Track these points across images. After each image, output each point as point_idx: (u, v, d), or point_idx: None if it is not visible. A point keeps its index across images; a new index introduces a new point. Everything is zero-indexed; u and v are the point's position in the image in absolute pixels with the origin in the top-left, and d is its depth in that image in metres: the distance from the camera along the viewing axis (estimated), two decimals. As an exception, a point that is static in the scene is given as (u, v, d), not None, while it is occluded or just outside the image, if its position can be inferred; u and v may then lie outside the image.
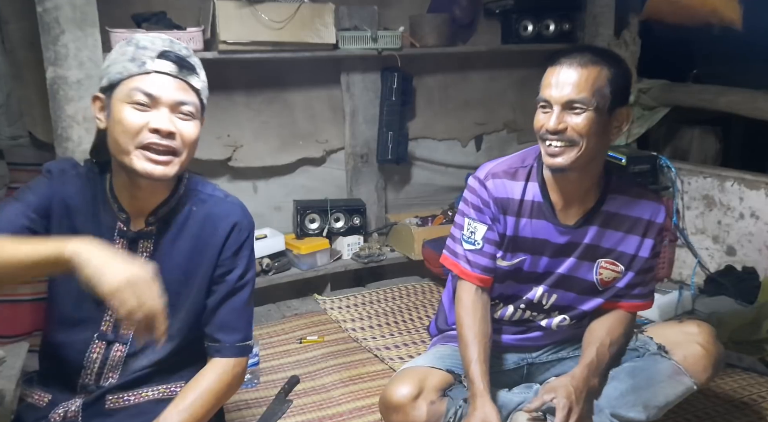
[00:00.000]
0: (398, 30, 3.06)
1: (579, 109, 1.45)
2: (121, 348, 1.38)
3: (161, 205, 1.38)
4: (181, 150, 1.30)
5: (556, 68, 1.47)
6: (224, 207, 1.42)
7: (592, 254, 1.60)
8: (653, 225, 1.58)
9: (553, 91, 1.46)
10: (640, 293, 1.65)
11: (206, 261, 1.39)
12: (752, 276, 2.79)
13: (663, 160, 3.11)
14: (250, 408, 2.11)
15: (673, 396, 1.56)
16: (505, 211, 1.61)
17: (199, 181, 1.45)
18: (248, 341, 1.44)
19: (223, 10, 2.64)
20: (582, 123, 1.45)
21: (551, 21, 3.35)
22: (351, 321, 2.75)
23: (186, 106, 1.29)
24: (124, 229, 1.37)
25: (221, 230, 1.39)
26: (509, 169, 1.63)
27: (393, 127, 3.20)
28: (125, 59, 1.27)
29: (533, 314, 1.69)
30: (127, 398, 1.38)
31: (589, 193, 1.57)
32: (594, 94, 1.44)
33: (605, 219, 1.58)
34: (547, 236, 1.60)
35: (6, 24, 2.52)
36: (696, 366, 1.57)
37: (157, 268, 1.23)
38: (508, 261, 1.63)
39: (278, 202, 3.21)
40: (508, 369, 1.74)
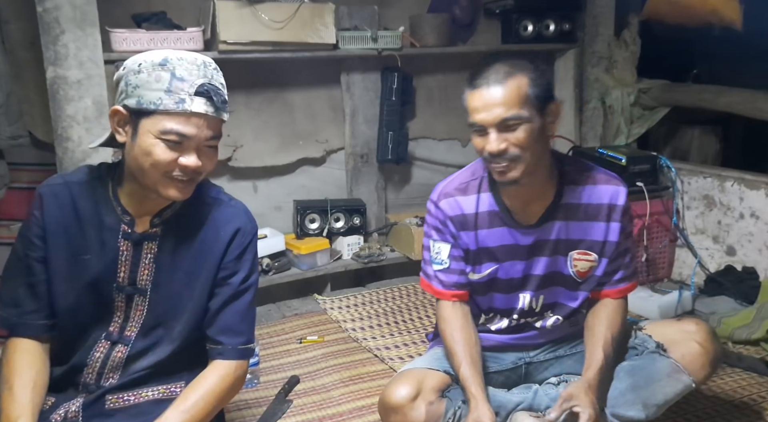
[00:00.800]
0: (398, 30, 3.06)
1: (514, 124, 1.44)
2: (123, 349, 1.39)
3: (166, 207, 1.39)
4: (202, 174, 1.33)
5: (477, 92, 1.46)
6: (228, 211, 1.43)
7: (563, 248, 1.61)
8: (615, 208, 1.59)
9: (483, 115, 1.45)
10: (624, 276, 1.65)
11: (209, 265, 1.40)
12: (752, 276, 2.79)
13: (663, 160, 3.11)
14: (250, 408, 2.11)
15: (672, 394, 1.57)
16: (463, 227, 1.63)
17: (204, 183, 1.45)
18: (250, 344, 1.45)
19: (223, 10, 2.64)
20: (522, 136, 1.45)
21: (551, 21, 3.35)
22: (351, 321, 2.75)
23: (213, 140, 1.31)
24: (129, 231, 1.37)
25: (224, 234, 1.40)
26: (460, 185, 1.65)
27: (393, 127, 3.20)
28: (160, 88, 1.24)
29: (528, 320, 1.70)
30: (127, 398, 1.38)
31: (545, 189, 1.58)
32: (522, 105, 1.44)
33: (566, 211, 1.59)
34: (512, 241, 1.61)
35: (6, 24, 2.52)
36: (694, 364, 1.57)
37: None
38: (478, 273, 1.65)
39: (278, 202, 3.21)
40: (506, 369, 1.74)
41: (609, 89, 3.45)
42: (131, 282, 1.38)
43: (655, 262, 3.10)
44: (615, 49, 3.45)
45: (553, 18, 3.35)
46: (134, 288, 1.38)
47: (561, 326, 1.70)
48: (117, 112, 1.29)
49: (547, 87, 1.50)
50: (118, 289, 1.38)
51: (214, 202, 1.44)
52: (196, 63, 1.29)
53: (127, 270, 1.38)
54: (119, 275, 1.37)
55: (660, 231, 3.07)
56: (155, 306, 1.39)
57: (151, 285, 1.38)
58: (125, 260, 1.37)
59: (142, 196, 1.36)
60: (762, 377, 2.23)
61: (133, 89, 1.26)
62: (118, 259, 1.37)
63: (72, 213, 1.36)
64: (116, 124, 1.30)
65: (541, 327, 1.71)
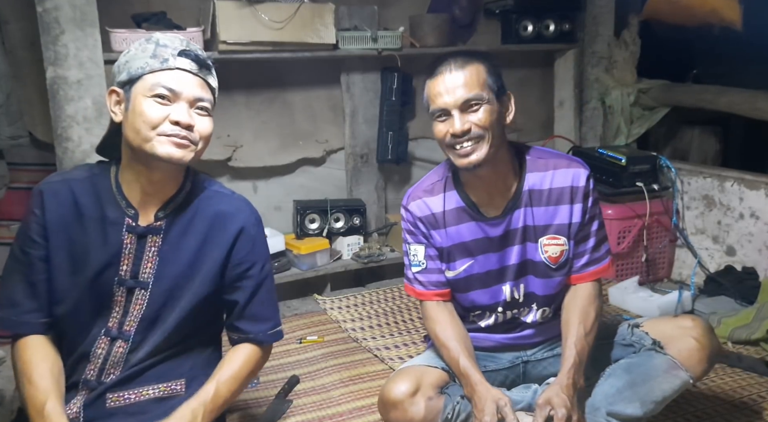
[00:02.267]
0: (398, 30, 3.06)
1: (476, 105, 1.52)
2: (123, 345, 1.39)
3: (169, 200, 1.41)
4: (197, 142, 1.35)
5: (439, 78, 1.54)
6: (232, 204, 1.46)
7: (531, 235, 1.64)
8: (577, 190, 1.62)
9: (446, 98, 1.53)
10: (590, 260, 1.67)
11: (214, 257, 1.42)
12: (752, 277, 2.79)
13: (663, 160, 3.11)
14: (250, 408, 2.11)
15: (670, 390, 1.57)
16: (434, 226, 1.68)
17: (205, 178, 1.49)
18: (278, 327, 1.51)
19: (223, 10, 2.64)
20: (484, 116, 1.52)
21: (551, 21, 3.35)
22: (351, 321, 2.75)
23: (203, 102, 1.35)
24: (133, 225, 1.38)
25: (231, 228, 1.43)
26: (427, 186, 1.71)
27: (393, 127, 3.20)
28: (146, 55, 1.32)
29: (515, 312, 1.71)
30: (127, 396, 1.38)
31: (507, 179, 1.63)
32: (482, 87, 1.53)
33: (531, 198, 1.63)
34: (482, 234, 1.64)
35: (6, 24, 2.52)
36: (691, 359, 1.58)
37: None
38: (453, 270, 1.69)
39: (278, 201, 3.21)
40: (504, 368, 1.74)
41: (609, 89, 3.45)
42: (133, 276, 1.39)
43: (655, 262, 3.10)
44: (615, 49, 3.45)
45: (552, 18, 3.35)
46: (136, 281, 1.39)
47: (552, 320, 1.71)
48: (113, 92, 1.35)
49: (500, 78, 1.58)
50: (119, 283, 1.38)
51: (215, 195, 1.46)
52: (179, 37, 1.38)
53: (129, 263, 1.38)
54: (122, 269, 1.38)
55: (660, 232, 3.07)
56: (155, 299, 1.40)
57: (153, 278, 1.39)
58: (128, 253, 1.38)
59: (144, 178, 1.37)
60: (762, 377, 2.23)
61: (123, 65, 1.34)
62: (121, 253, 1.38)
63: (73, 209, 1.36)
64: (112, 105, 1.35)
65: (532, 322, 1.71)
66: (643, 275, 3.05)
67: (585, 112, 3.59)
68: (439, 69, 1.55)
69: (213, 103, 1.39)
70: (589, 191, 1.63)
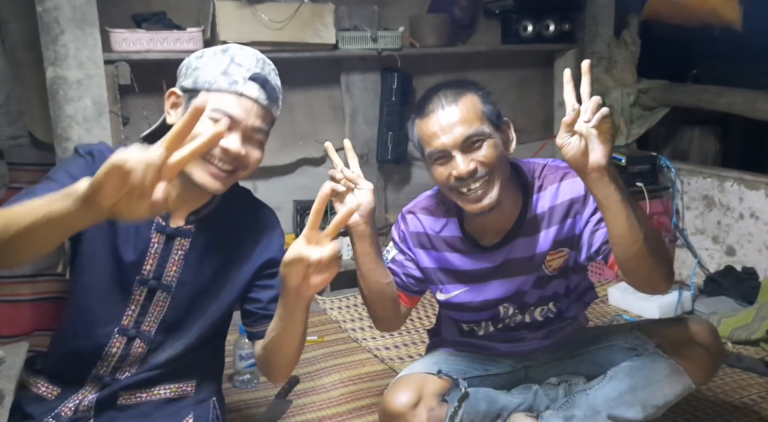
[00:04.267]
0: (398, 30, 3.06)
1: (478, 141, 1.40)
2: (142, 345, 1.37)
3: (204, 205, 1.38)
4: (240, 169, 1.30)
5: (431, 117, 1.41)
6: (265, 216, 1.45)
7: (529, 265, 1.56)
8: (577, 200, 1.51)
9: (444, 139, 1.39)
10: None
11: (244, 269, 1.40)
12: (752, 277, 2.79)
13: (663, 160, 3.11)
14: (249, 408, 2.11)
15: (672, 395, 1.56)
16: (423, 246, 1.62)
17: (244, 188, 1.47)
18: None
19: (223, 10, 2.64)
20: (488, 153, 1.40)
21: (551, 21, 3.35)
22: (351, 322, 2.75)
23: (260, 133, 1.30)
24: (163, 224, 1.35)
25: (265, 242, 1.42)
26: (429, 205, 1.64)
27: (393, 127, 3.20)
28: (218, 70, 1.27)
29: (512, 319, 1.66)
30: (140, 395, 1.38)
31: (513, 210, 1.54)
32: (482, 120, 1.40)
33: (532, 225, 1.54)
34: (477, 266, 1.58)
35: (6, 24, 2.52)
36: (695, 365, 1.56)
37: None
38: (445, 293, 1.64)
39: (278, 202, 3.20)
40: (505, 372, 1.74)
41: (609, 89, 3.45)
42: (156, 277, 1.35)
43: (654, 262, 3.09)
44: (615, 49, 3.45)
45: (552, 18, 3.35)
46: (158, 283, 1.35)
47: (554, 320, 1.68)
48: (172, 93, 1.32)
49: (495, 107, 1.46)
50: (140, 282, 1.35)
51: (253, 209, 1.45)
52: (256, 55, 1.32)
53: (154, 263, 1.35)
54: (145, 268, 1.34)
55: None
56: (178, 303, 1.37)
57: (177, 282, 1.36)
58: (154, 253, 1.34)
59: (181, 188, 1.32)
60: (762, 377, 2.23)
61: (192, 71, 1.29)
62: (147, 251, 1.34)
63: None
64: (170, 106, 1.32)
65: (532, 321, 1.67)
66: (642, 275, 3.05)
67: (585, 112, 3.58)
68: (429, 106, 1.41)
69: (268, 132, 1.33)
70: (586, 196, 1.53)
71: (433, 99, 1.42)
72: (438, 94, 1.42)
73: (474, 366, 1.71)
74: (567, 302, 1.66)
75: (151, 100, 2.79)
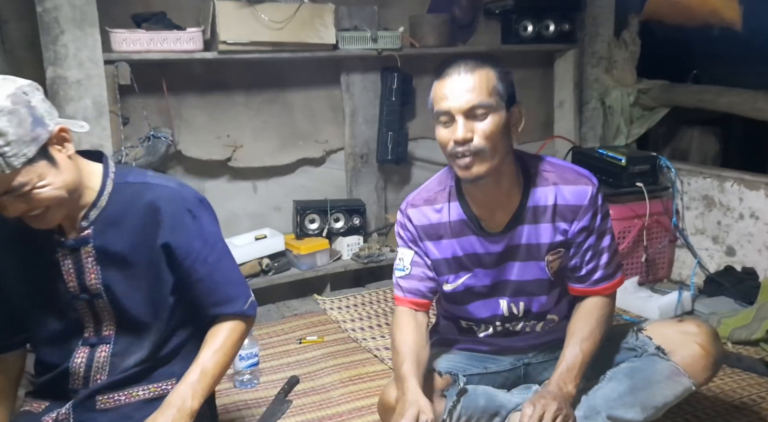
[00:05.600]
0: (398, 30, 3.06)
1: (482, 113, 1.43)
2: (105, 348, 1.38)
3: (91, 206, 1.33)
4: (41, 210, 1.26)
5: (446, 80, 1.45)
6: (161, 193, 1.36)
7: (536, 253, 1.59)
8: (581, 208, 1.55)
9: (452, 102, 1.43)
10: (603, 275, 1.61)
11: (151, 251, 1.35)
12: (752, 277, 2.79)
13: (663, 161, 3.11)
14: (249, 408, 2.11)
15: (672, 396, 1.56)
16: (431, 237, 1.62)
17: (127, 172, 1.38)
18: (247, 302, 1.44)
19: (223, 11, 2.64)
20: (489, 127, 1.43)
21: (551, 21, 3.35)
22: (351, 322, 2.75)
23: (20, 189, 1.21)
24: (61, 240, 1.33)
25: (162, 219, 1.34)
26: (428, 195, 1.64)
27: (393, 127, 3.20)
28: None
29: (513, 324, 1.68)
30: (118, 398, 1.38)
31: (511, 194, 1.56)
32: (491, 94, 1.44)
33: (534, 214, 1.56)
34: (482, 249, 1.59)
35: (6, 24, 2.52)
36: (695, 366, 1.56)
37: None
38: (452, 283, 1.64)
39: (278, 202, 3.21)
40: (504, 370, 1.74)
41: (609, 89, 3.45)
42: (83, 289, 1.34)
43: (654, 263, 3.10)
44: (615, 49, 3.45)
45: (552, 18, 3.35)
46: (88, 294, 1.35)
47: (553, 327, 1.70)
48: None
49: (511, 87, 1.50)
50: (74, 298, 1.35)
51: (143, 188, 1.36)
52: None
53: (74, 278, 1.34)
54: (69, 284, 1.34)
55: (660, 232, 3.07)
56: (119, 305, 1.36)
57: (102, 287, 1.34)
58: (69, 269, 1.34)
59: (50, 208, 1.28)
60: (761, 377, 2.23)
61: None
62: (61, 270, 1.33)
63: (4, 232, 1.33)
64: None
65: (532, 331, 1.69)
66: (642, 275, 3.05)
67: (585, 112, 3.59)
68: (448, 70, 1.46)
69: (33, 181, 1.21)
70: (597, 208, 1.56)
71: (453, 64, 1.46)
72: (459, 61, 1.46)
73: (473, 364, 1.71)
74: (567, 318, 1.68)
75: (151, 100, 2.79)
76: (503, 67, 1.50)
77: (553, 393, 1.48)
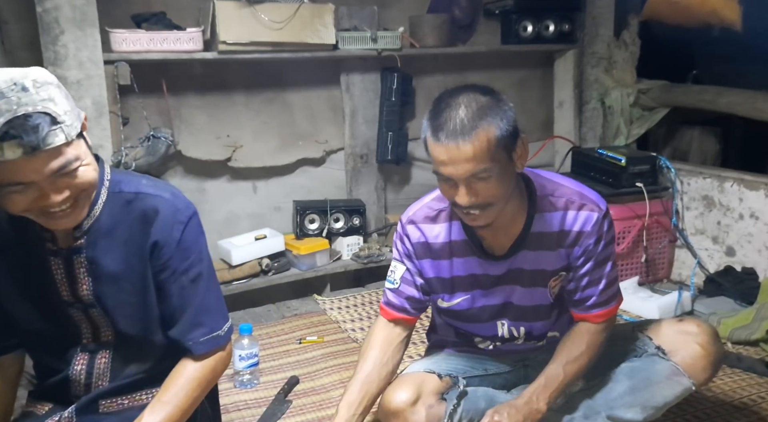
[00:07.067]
0: (398, 30, 3.06)
1: (485, 176, 1.37)
2: (105, 354, 1.36)
3: (84, 217, 1.29)
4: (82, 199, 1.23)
5: (442, 145, 1.36)
6: (152, 202, 1.31)
7: (538, 279, 1.57)
8: (584, 234, 1.52)
9: (451, 169, 1.37)
10: (597, 302, 1.58)
11: (142, 264, 1.31)
12: (752, 277, 2.79)
13: (662, 161, 3.11)
14: (249, 408, 2.11)
15: (672, 396, 1.56)
16: (427, 256, 1.60)
17: (122, 180, 1.33)
18: (215, 332, 1.36)
19: (223, 11, 2.64)
20: (492, 188, 1.39)
21: (551, 22, 3.35)
22: (351, 322, 2.75)
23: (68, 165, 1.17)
24: (54, 249, 1.30)
25: (153, 229, 1.30)
26: (430, 211, 1.60)
27: (393, 128, 3.20)
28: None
29: (512, 343, 1.68)
30: (121, 402, 1.37)
31: (515, 219, 1.53)
32: (493, 157, 1.36)
33: (537, 240, 1.53)
34: (481, 270, 1.57)
35: (6, 24, 2.52)
36: (695, 366, 1.56)
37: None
38: (448, 302, 1.63)
39: (278, 202, 3.21)
40: (504, 372, 1.74)
41: (608, 90, 3.45)
42: (76, 298, 1.32)
43: (654, 263, 3.10)
44: (614, 49, 3.45)
45: (552, 18, 3.35)
46: (82, 303, 1.32)
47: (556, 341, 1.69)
48: None
49: (513, 125, 1.40)
50: (68, 306, 1.33)
51: (136, 198, 1.31)
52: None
53: (66, 286, 1.31)
54: (62, 293, 1.32)
55: (659, 232, 3.07)
56: (113, 314, 1.33)
57: (94, 297, 1.32)
58: (61, 278, 1.31)
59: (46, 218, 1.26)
60: (761, 377, 2.23)
61: None
62: (54, 278, 1.31)
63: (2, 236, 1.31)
64: None
65: (532, 346, 1.69)
66: (642, 275, 3.05)
67: (585, 112, 3.59)
68: (443, 132, 1.35)
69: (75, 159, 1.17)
70: (602, 234, 1.52)
71: (449, 122, 1.36)
72: (454, 117, 1.36)
73: (473, 366, 1.71)
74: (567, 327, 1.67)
75: (150, 100, 2.79)
76: (501, 106, 1.39)
77: (519, 406, 1.48)
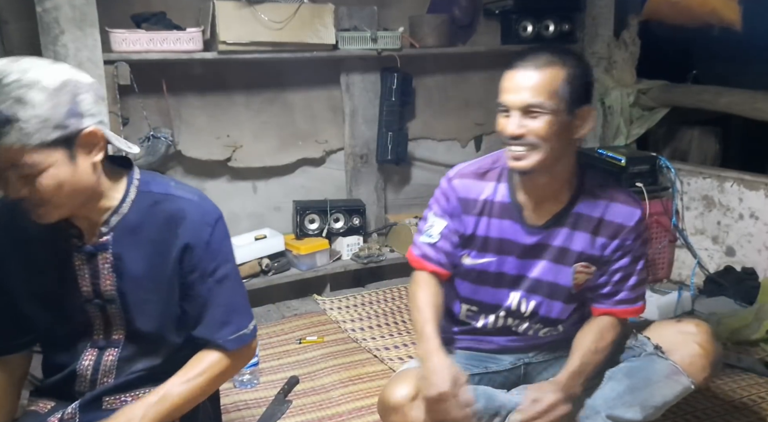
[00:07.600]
0: (398, 30, 3.06)
1: (537, 112, 1.43)
2: (113, 351, 1.37)
3: (113, 212, 1.31)
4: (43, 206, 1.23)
5: (513, 72, 1.45)
6: (181, 205, 1.33)
7: (567, 258, 1.58)
8: (624, 228, 1.55)
9: (510, 96, 1.45)
10: (625, 298, 1.61)
11: (169, 265, 1.33)
12: (751, 277, 2.79)
13: (662, 161, 3.11)
14: (249, 408, 2.11)
15: (671, 396, 1.56)
16: (469, 211, 1.61)
17: (151, 181, 1.36)
18: (240, 331, 1.38)
19: (223, 11, 2.64)
20: (541, 127, 1.43)
21: (551, 22, 3.35)
22: (350, 322, 2.75)
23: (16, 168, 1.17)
24: (79, 245, 1.31)
25: (181, 231, 1.32)
26: (479, 169, 1.63)
27: (392, 128, 3.20)
28: None
29: (516, 322, 1.68)
30: (125, 398, 1.38)
31: (560, 193, 1.56)
32: (550, 96, 1.42)
33: (576, 220, 1.57)
34: (514, 236, 1.59)
35: (6, 24, 2.52)
36: (694, 366, 1.56)
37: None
38: (473, 259, 1.64)
39: (278, 202, 3.21)
40: (505, 370, 1.73)
41: (608, 90, 3.45)
42: (97, 295, 1.33)
43: (654, 263, 3.10)
44: (614, 49, 3.45)
45: (552, 18, 3.35)
46: (101, 299, 1.33)
47: (556, 336, 1.70)
48: None
49: (584, 88, 1.48)
50: (86, 301, 1.34)
51: (164, 199, 1.33)
52: None
53: (88, 283, 1.33)
54: (82, 289, 1.33)
55: (659, 232, 3.07)
56: (131, 313, 1.34)
57: (117, 293, 1.33)
58: (84, 274, 1.32)
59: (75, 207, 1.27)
60: (761, 377, 2.23)
61: None
62: (77, 275, 1.32)
63: (17, 234, 1.31)
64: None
65: (534, 335, 1.69)
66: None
67: (585, 112, 3.59)
68: (517, 62, 1.45)
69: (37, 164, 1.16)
70: (641, 232, 1.57)
71: (526, 57, 1.45)
72: (533, 54, 1.45)
73: (473, 364, 1.71)
74: (573, 330, 1.67)
75: (150, 100, 2.79)
76: (581, 66, 1.48)
77: (561, 385, 1.51)
